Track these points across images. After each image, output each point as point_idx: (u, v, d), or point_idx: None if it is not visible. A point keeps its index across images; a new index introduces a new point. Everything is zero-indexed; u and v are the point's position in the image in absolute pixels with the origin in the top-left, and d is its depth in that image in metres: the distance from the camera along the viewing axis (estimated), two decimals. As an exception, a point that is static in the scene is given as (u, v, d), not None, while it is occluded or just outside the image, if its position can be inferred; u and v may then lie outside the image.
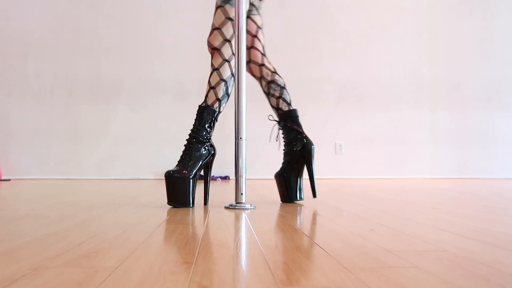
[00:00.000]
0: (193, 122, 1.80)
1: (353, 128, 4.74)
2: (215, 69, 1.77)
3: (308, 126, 4.83)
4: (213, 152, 1.75)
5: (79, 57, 4.57)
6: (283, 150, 1.88)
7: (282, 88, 1.90)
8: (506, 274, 0.69)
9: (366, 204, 1.80)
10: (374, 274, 0.69)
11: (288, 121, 1.87)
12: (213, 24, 1.81)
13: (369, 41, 4.82)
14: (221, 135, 4.59)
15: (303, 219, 1.34)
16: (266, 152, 4.64)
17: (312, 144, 1.85)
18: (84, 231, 1.10)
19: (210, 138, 1.75)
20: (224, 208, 1.64)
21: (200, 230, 1.11)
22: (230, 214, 1.48)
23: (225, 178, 4.42)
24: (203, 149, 1.71)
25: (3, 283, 0.64)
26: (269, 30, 4.84)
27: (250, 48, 1.90)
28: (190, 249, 0.87)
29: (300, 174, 1.86)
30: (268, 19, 4.79)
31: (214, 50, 1.78)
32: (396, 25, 4.86)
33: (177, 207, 1.65)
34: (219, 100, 1.75)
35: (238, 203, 1.68)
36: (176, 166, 1.68)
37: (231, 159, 4.71)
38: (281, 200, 1.88)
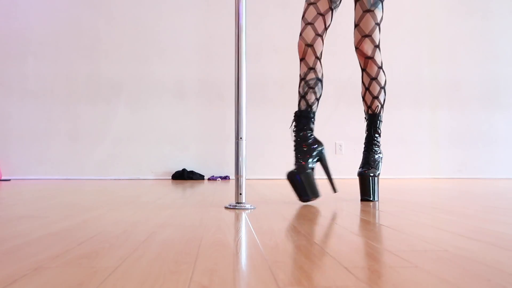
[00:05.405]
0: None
1: (353, 128, 4.74)
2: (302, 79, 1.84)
3: (308, 126, 4.85)
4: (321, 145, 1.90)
5: (79, 57, 4.57)
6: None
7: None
8: (506, 274, 0.69)
9: (366, 204, 1.80)
10: (374, 274, 0.69)
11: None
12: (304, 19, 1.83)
13: (369, 41, 4.81)
14: (221, 135, 4.60)
15: (303, 219, 1.34)
16: (266, 152, 4.65)
17: None
18: (84, 231, 1.10)
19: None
20: (224, 208, 1.64)
21: (200, 230, 1.11)
22: (230, 214, 1.48)
23: (225, 178, 4.42)
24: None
25: (3, 283, 0.64)
26: (269, 30, 4.86)
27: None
28: (190, 249, 0.87)
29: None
30: (268, 19, 4.80)
31: (308, 46, 1.81)
32: (396, 25, 4.86)
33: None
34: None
35: (238, 203, 1.68)
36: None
37: (231, 159, 4.72)
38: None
